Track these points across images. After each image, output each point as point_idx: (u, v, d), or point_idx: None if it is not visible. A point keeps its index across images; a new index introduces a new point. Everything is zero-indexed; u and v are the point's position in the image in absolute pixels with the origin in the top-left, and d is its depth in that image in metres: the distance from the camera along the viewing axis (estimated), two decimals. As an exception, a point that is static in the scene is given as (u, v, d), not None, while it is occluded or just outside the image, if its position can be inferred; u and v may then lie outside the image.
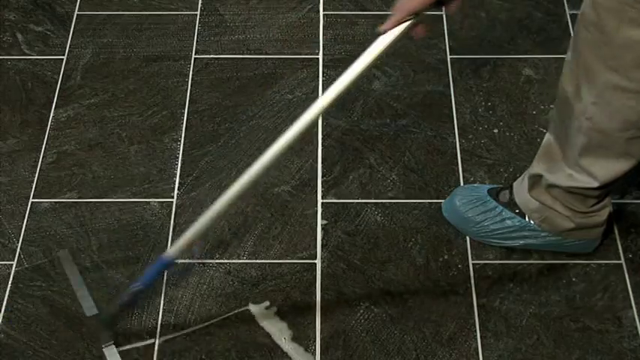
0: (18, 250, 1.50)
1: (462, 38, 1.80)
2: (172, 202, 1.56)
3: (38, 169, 1.60)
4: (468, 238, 1.51)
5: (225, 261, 1.49)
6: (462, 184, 1.57)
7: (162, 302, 1.44)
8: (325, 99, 1.11)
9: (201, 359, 1.38)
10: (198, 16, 1.84)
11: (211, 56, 1.77)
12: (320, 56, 1.77)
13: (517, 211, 1.44)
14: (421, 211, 1.54)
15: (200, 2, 1.86)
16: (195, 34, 1.81)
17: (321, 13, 1.85)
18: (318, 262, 1.48)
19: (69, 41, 1.80)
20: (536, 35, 1.80)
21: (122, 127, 1.66)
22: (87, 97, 1.71)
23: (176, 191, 1.57)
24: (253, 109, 1.69)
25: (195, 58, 1.77)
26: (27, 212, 1.54)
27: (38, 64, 1.76)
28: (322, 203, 1.55)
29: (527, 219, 1.44)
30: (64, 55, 1.77)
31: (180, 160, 1.61)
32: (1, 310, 1.43)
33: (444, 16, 1.84)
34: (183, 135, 1.65)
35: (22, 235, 1.51)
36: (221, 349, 1.39)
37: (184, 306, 1.43)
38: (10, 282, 1.46)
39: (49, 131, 1.65)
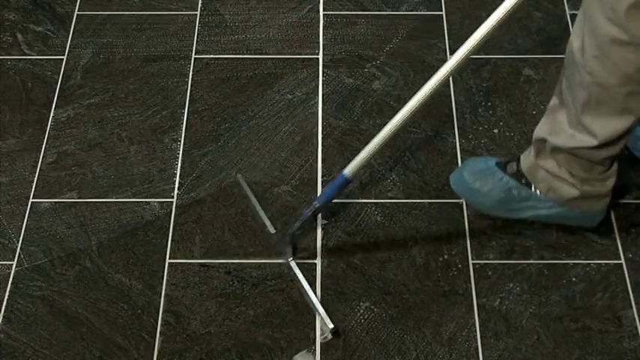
0: (18, 250, 1.50)
1: (462, 38, 1.79)
2: (172, 202, 1.56)
3: (38, 169, 1.60)
4: (467, 238, 1.51)
5: (225, 261, 1.49)
6: (462, 184, 1.57)
7: (162, 302, 1.44)
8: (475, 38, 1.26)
9: (201, 359, 1.38)
10: (198, 16, 1.84)
11: (211, 56, 1.77)
12: (320, 56, 1.77)
13: (524, 181, 1.44)
14: (421, 211, 1.54)
15: (200, 2, 1.86)
16: (195, 34, 1.81)
17: (321, 13, 1.85)
18: (318, 262, 1.48)
19: (69, 41, 1.80)
20: (536, 35, 1.80)
21: (122, 127, 1.66)
22: (87, 97, 1.71)
23: (176, 191, 1.57)
24: (253, 109, 1.69)
25: (195, 58, 1.77)
26: (27, 212, 1.54)
27: (38, 64, 1.76)
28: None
29: (533, 189, 1.44)
30: (64, 55, 1.77)
31: (180, 160, 1.61)
32: (1, 310, 1.43)
33: (444, 16, 1.84)
34: (183, 135, 1.65)
35: (22, 235, 1.52)
36: (221, 349, 1.39)
37: (184, 306, 1.43)
38: (10, 282, 1.46)
39: (49, 131, 1.65)
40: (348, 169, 1.36)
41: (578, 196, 1.41)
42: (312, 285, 1.45)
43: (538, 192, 1.44)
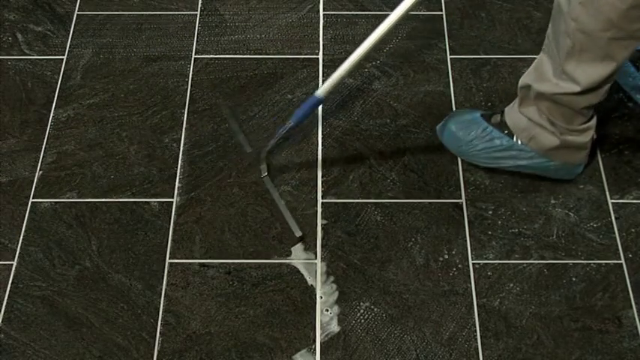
0: (18, 250, 1.50)
1: (462, 38, 1.80)
2: (172, 202, 1.56)
3: (38, 169, 1.60)
4: (468, 238, 1.51)
5: (225, 261, 1.49)
6: (462, 184, 1.58)
7: (162, 302, 1.44)
8: None
9: (201, 359, 1.38)
10: (198, 16, 1.84)
11: (211, 56, 1.77)
12: (320, 56, 1.77)
13: (506, 132, 1.54)
14: (421, 211, 1.54)
15: (200, 2, 1.86)
16: (195, 34, 1.81)
17: (321, 13, 1.85)
18: (318, 262, 1.48)
19: (69, 41, 1.80)
20: (536, 35, 1.80)
21: (122, 127, 1.66)
22: (87, 97, 1.71)
23: (176, 191, 1.57)
24: (253, 109, 1.69)
25: (195, 58, 1.77)
26: (27, 212, 1.54)
27: (38, 64, 1.76)
28: (322, 203, 1.55)
29: (515, 139, 1.53)
30: (64, 55, 1.77)
31: (180, 160, 1.61)
32: (1, 310, 1.43)
33: (444, 16, 1.84)
34: (183, 135, 1.65)
35: (22, 235, 1.52)
36: (221, 349, 1.39)
37: (184, 306, 1.43)
38: (10, 282, 1.46)
39: (49, 131, 1.65)
40: (321, 90, 1.48)
41: (558, 146, 1.49)
42: (312, 284, 1.45)
43: (520, 142, 1.52)
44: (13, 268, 1.48)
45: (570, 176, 1.57)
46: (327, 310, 1.43)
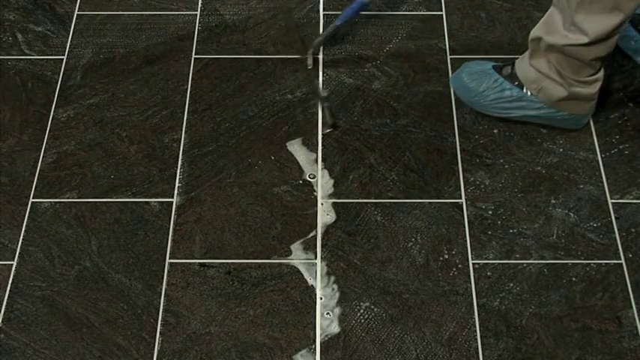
0: (18, 250, 1.50)
1: (462, 38, 1.80)
2: (172, 202, 1.56)
3: (38, 169, 1.60)
4: (468, 238, 1.51)
5: (225, 261, 1.49)
6: (462, 184, 1.58)
7: (162, 302, 1.44)
8: None
9: (201, 359, 1.38)
10: (198, 16, 1.84)
11: (211, 56, 1.77)
12: (320, 56, 1.77)
13: (516, 83, 1.59)
14: (421, 211, 1.54)
15: (200, 2, 1.86)
16: (195, 34, 1.81)
17: (321, 13, 1.85)
18: (318, 262, 1.48)
19: (69, 41, 1.80)
20: (536, 35, 1.80)
21: (122, 127, 1.66)
22: (87, 97, 1.71)
23: (176, 191, 1.57)
24: (253, 109, 1.69)
25: (195, 58, 1.77)
26: (27, 212, 1.54)
27: (38, 64, 1.76)
28: (322, 203, 1.55)
29: (524, 90, 1.59)
30: (64, 55, 1.77)
31: (180, 160, 1.61)
32: (1, 310, 1.43)
33: (444, 16, 1.84)
34: (183, 135, 1.65)
35: (22, 235, 1.52)
36: (221, 349, 1.39)
37: (184, 306, 1.43)
38: (10, 282, 1.46)
39: (49, 131, 1.65)
40: None
41: (566, 97, 1.55)
42: (312, 285, 1.45)
43: (529, 93, 1.59)
44: (13, 268, 1.48)
45: (577, 126, 1.63)
46: (328, 314, 1.43)
